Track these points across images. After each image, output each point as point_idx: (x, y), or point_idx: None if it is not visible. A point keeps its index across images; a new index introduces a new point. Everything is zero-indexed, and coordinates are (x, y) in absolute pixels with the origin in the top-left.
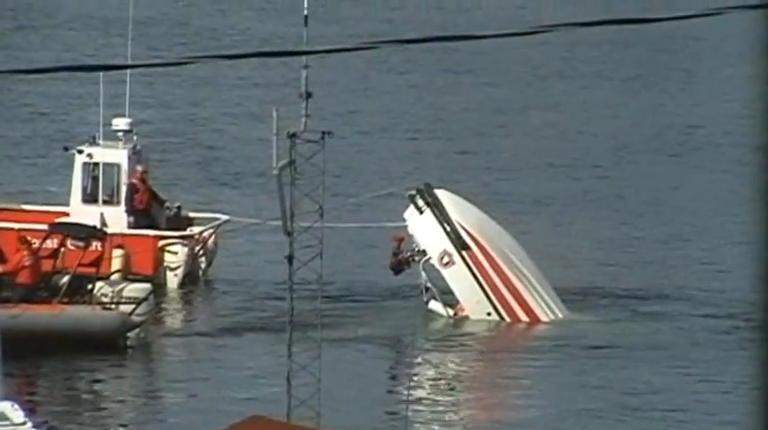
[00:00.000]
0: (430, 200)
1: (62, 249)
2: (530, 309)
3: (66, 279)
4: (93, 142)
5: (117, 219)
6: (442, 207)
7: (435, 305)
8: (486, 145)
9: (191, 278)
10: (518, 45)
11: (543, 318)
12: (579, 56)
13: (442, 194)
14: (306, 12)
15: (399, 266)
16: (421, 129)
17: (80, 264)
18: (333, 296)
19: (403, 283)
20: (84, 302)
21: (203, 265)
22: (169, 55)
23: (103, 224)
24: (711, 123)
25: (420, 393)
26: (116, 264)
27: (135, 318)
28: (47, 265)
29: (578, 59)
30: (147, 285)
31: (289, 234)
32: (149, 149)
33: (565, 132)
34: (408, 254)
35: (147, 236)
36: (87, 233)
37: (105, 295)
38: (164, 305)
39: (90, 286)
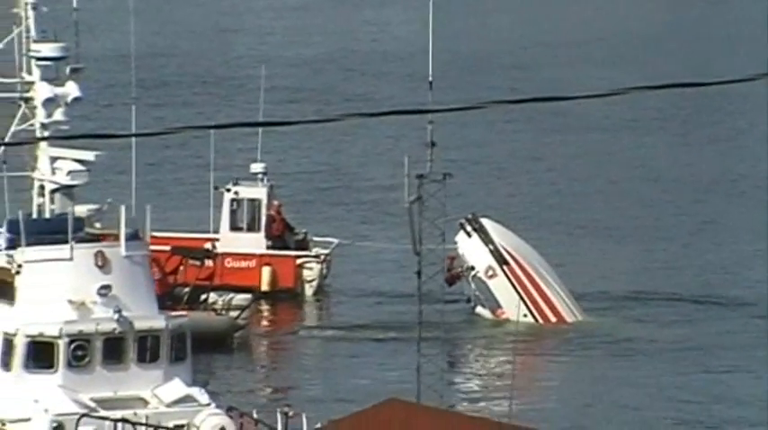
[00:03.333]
0: (476, 226)
1: (181, 267)
2: (557, 312)
3: (186, 290)
4: (236, 182)
5: (258, 242)
6: (486, 231)
7: (481, 310)
8: (567, 185)
9: (320, 289)
10: (596, 105)
11: (567, 319)
12: (645, 114)
13: (485, 222)
14: (431, 78)
15: (453, 280)
16: (519, 172)
17: (197, 279)
18: (452, 302)
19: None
20: (200, 309)
21: (325, 279)
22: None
23: (214, 247)
24: (750, 169)
25: (498, 380)
26: (265, 278)
27: (240, 322)
28: (171, 280)
29: (644, 117)
30: (249, 295)
31: (417, 254)
32: (315, 190)
33: (630, 175)
34: (459, 269)
35: (289, 256)
36: (202, 254)
37: (217, 303)
38: (304, 311)
39: (205, 296)
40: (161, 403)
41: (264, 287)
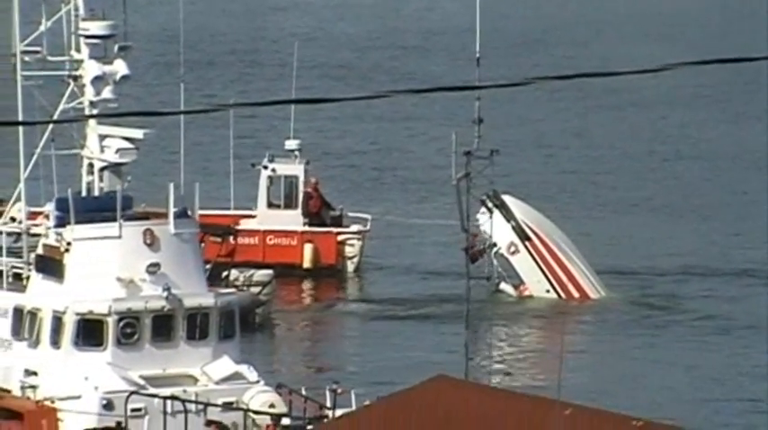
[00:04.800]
0: (498, 202)
1: (202, 244)
2: (580, 288)
3: (207, 267)
4: (272, 159)
5: (296, 219)
6: (508, 208)
7: (505, 286)
8: (616, 162)
9: (360, 266)
10: (646, 81)
11: (591, 295)
12: (695, 91)
13: (506, 198)
14: (478, 55)
15: (475, 257)
16: (567, 149)
17: (218, 256)
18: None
19: None
20: (222, 285)
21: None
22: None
23: (236, 223)
24: None
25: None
26: (307, 256)
27: (262, 298)
28: None
29: (694, 93)
30: (270, 271)
31: (465, 231)
32: (363, 167)
33: (679, 152)
34: (481, 246)
35: (330, 232)
36: (223, 231)
37: (238, 280)
38: (347, 287)
39: (226, 273)
40: (210, 380)
41: (307, 264)
